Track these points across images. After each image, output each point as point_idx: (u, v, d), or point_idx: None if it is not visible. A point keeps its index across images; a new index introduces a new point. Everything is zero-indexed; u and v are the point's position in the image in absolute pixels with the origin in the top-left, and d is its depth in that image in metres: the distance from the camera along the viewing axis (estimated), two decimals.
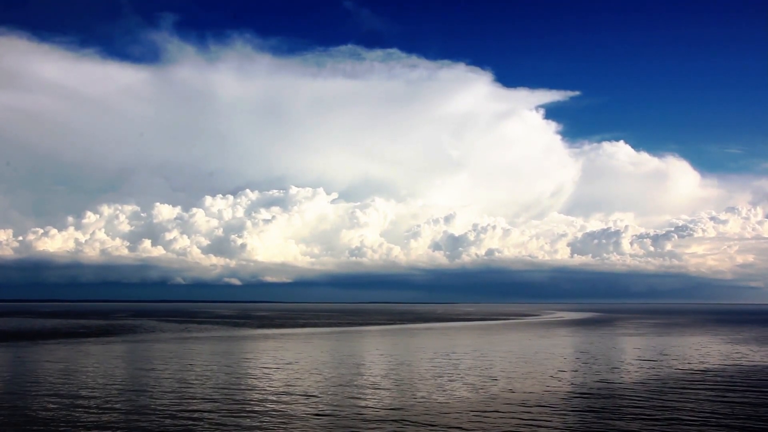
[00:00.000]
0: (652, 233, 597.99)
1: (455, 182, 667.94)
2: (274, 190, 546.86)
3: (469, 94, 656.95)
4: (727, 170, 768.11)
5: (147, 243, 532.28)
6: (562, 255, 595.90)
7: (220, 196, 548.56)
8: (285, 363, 46.85)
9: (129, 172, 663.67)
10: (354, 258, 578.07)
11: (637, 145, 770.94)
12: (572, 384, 36.33)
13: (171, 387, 34.66)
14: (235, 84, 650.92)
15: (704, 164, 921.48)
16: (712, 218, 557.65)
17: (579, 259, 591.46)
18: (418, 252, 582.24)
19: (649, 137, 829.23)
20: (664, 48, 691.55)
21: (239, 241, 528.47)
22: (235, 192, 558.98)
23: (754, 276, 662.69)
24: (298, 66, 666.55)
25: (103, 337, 77.14)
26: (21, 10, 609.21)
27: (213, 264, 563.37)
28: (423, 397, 31.53)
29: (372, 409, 28.41)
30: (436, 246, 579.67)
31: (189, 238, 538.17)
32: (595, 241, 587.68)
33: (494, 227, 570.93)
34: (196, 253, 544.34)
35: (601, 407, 28.89)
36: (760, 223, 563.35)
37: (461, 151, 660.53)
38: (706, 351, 58.88)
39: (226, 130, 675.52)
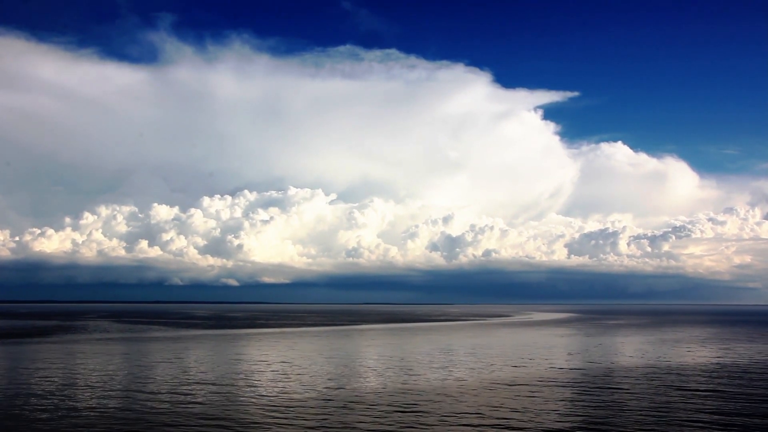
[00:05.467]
0: (649, 234, 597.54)
1: (454, 183, 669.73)
2: (273, 191, 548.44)
3: (467, 95, 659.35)
4: (726, 171, 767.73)
5: (144, 244, 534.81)
6: (560, 256, 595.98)
7: (218, 196, 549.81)
8: (176, 362, 47.10)
9: (127, 173, 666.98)
10: (351, 259, 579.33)
11: (635, 146, 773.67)
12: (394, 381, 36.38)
13: (25, 389, 35.11)
14: (233, 84, 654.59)
15: (702, 165, 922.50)
16: (710, 219, 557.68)
17: (576, 260, 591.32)
18: (416, 253, 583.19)
19: (647, 138, 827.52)
20: (662, 49, 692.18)
21: (236, 242, 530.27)
22: (234, 193, 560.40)
23: (752, 277, 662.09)
24: (296, 66, 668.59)
25: (31, 337, 77.21)
26: (19, 10, 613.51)
27: (210, 265, 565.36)
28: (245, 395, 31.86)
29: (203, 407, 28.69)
30: (433, 247, 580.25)
31: (186, 239, 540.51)
32: (593, 241, 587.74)
33: (492, 228, 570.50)
34: (193, 254, 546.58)
35: (408, 403, 29.17)
36: (758, 223, 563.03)
37: (460, 151, 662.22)
38: (615, 350, 58.99)
39: (225, 130, 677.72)
